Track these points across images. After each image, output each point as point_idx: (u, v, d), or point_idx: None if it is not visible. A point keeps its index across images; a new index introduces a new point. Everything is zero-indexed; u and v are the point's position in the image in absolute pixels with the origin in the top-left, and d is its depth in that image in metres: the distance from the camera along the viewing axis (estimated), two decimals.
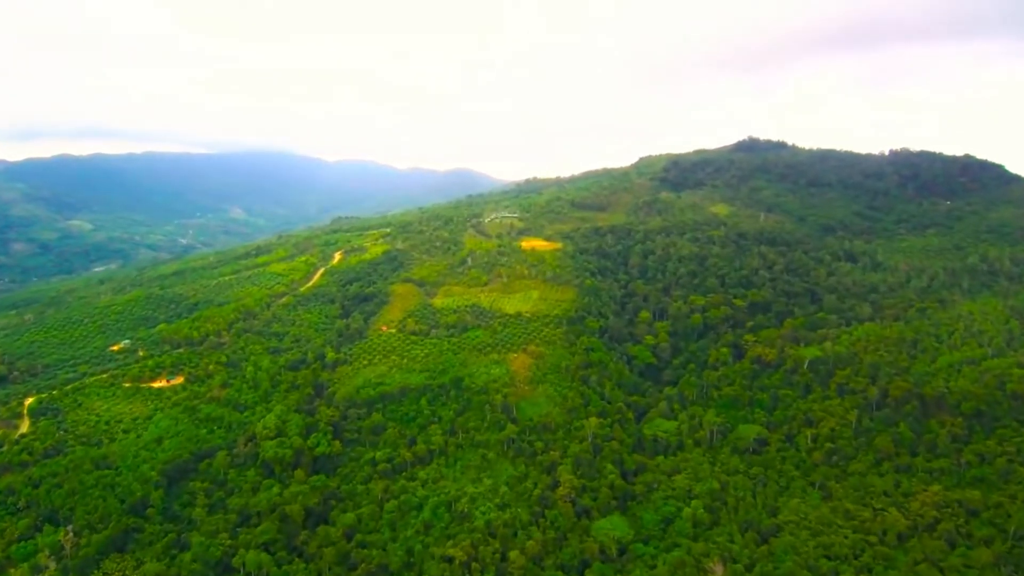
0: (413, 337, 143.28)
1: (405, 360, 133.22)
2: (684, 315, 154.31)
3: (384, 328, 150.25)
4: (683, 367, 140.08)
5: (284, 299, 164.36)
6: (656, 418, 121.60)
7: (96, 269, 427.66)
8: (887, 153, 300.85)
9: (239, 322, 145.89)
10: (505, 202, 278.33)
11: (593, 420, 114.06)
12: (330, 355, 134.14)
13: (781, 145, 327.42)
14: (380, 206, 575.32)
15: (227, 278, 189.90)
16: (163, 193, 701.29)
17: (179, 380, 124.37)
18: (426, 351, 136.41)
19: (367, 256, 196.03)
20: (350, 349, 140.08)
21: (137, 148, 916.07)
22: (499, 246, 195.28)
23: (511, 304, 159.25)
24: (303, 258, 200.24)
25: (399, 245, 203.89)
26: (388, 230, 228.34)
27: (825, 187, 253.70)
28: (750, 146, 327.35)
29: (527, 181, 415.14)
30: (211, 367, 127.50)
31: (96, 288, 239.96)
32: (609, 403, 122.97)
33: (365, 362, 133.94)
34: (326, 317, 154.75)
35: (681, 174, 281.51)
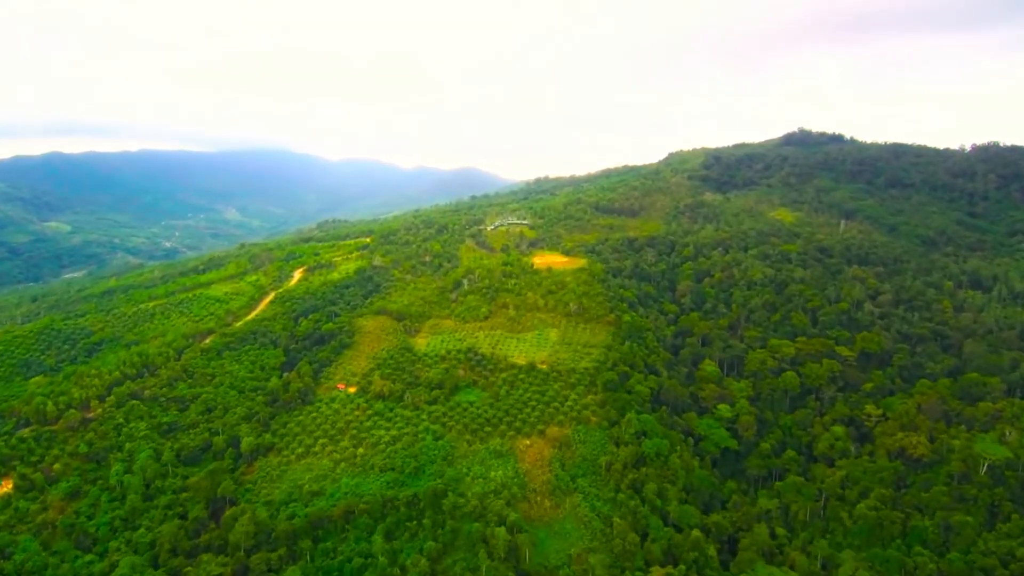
0: (379, 405, 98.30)
1: (361, 448, 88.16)
2: (769, 371, 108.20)
3: (340, 386, 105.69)
4: (777, 454, 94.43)
5: (208, 340, 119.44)
6: (756, 559, 75.50)
7: (66, 275, 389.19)
8: (969, 148, 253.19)
9: (126, 382, 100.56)
10: (513, 204, 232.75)
11: (659, 573, 68.42)
12: (247, 440, 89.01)
13: (838, 138, 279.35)
14: (382, 206, 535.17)
15: (153, 304, 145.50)
16: (155, 192, 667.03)
17: (3, 490, 79.84)
18: (394, 432, 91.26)
19: (335, 275, 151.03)
20: (284, 424, 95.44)
21: (133, 146, 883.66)
22: (505, 263, 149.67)
23: (521, 349, 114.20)
24: (253, 277, 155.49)
25: (377, 261, 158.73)
26: (367, 240, 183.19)
27: (908, 188, 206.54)
28: (801, 139, 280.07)
29: (537, 180, 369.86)
30: (59, 465, 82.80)
31: (22, 308, 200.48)
32: (678, 531, 77.28)
33: (300, 450, 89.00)
34: (260, 369, 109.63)
35: (725, 171, 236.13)
